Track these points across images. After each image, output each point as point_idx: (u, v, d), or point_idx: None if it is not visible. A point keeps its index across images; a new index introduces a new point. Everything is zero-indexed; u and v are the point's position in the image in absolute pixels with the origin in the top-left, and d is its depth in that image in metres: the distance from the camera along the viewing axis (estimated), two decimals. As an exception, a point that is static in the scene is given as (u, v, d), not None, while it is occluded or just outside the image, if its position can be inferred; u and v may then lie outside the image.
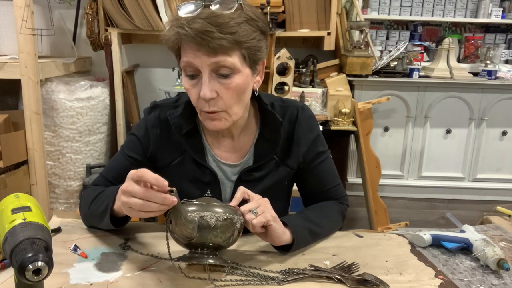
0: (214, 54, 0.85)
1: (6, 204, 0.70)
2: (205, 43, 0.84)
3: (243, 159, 1.06)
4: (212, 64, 0.87)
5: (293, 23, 2.57)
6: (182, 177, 1.05)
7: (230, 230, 0.83)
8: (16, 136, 2.12)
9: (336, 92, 2.47)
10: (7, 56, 2.28)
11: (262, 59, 0.96)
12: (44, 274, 0.61)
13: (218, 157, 1.05)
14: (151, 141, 1.05)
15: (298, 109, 1.08)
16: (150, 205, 0.76)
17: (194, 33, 0.83)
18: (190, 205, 0.82)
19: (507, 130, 2.74)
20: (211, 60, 0.86)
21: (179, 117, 1.02)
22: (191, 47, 0.86)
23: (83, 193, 1.08)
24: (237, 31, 0.85)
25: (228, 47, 0.85)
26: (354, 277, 0.85)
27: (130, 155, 1.06)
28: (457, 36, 3.05)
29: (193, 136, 1.04)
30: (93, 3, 2.49)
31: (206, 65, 0.87)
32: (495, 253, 0.91)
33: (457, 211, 2.76)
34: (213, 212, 0.82)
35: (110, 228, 0.97)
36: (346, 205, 1.15)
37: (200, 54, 0.86)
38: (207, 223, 0.81)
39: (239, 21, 0.86)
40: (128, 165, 1.05)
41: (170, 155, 1.05)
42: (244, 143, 1.06)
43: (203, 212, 0.81)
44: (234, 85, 0.89)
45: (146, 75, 2.89)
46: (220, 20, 0.84)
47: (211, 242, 0.83)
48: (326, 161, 1.11)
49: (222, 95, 0.90)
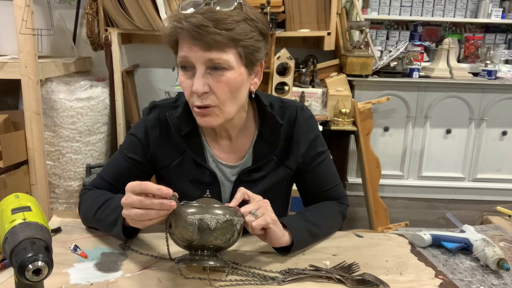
0: (209, 49, 0.85)
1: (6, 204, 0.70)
2: (200, 37, 0.84)
3: (242, 160, 1.05)
4: (207, 61, 0.87)
5: (293, 23, 2.57)
6: (181, 178, 1.05)
7: (230, 232, 0.83)
8: (16, 136, 2.12)
9: (336, 92, 2.47)
10: (7, 56, 2.28)
11: (261, 61, 0.95)
12: (44, 274, 0.61)
13: (217, 157, 1.05)
14: (151, 141, 1.05)
15: (297, 109, 1.07)
16: (149, 213, 0.76)
17: (190, 27, 0.84)
18: (189, 207, 0.82)
19: (507, 130, 2.74)
20: (205, 55, 0.86)
21: (179, 118, 1.02)
22: (187, 41, 0.87)
23: (83, 195, 1.06)
24: (234, 28, 0.85)
25: (223, 43, 0.85)
26: (354, 277, 0.85)
27: (130, 156, 1.05)
28: (457, 36, 3.05)
29: (193, 137, 1.04)
30: (93, 3, 2.49)
31: (200, 60, 0.87)
32: (495, 253, 0.91)
33: (457, 211, 2.76)
34: (213, 214, 0.81)
35: (122, 239, 0.97)
36: (346, 205, 1.15)
37: (196, 48, 0.86)
38: (207, 226, 0.80)
39: (237, 19, 0.86)
40: (128, 166, 1.05)
41: (169, 156, 1.05)
42: (243, 144, 1.06)
43: (203, 214, 0.81)
44: (225, 79, 0.89)
45: (146, 75, 2.89)
46: (217, 16, 0.84)
47: (211, 244, 0.83)
48: (325, 161, 1.11)
49: (214, 89, 0.89)
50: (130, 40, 2.77)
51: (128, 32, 2.53)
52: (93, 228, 1.04)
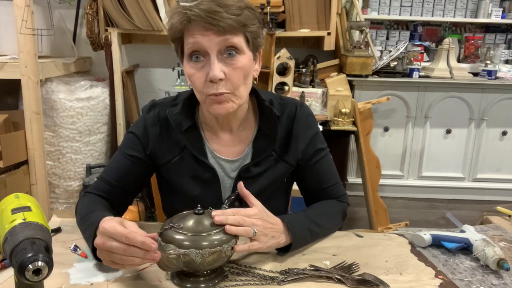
0: (223, 33, 0.88)
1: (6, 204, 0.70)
2: (215, 22, 0.86)
3: (242, 154, 1.06)
4: (220, 43, 0.89)
5: (293, 23, 2.57)
6: (182, 174, 1.05)
7: (219, 260, 0.81)
8: (16, 136, 2.12)
9: (336, 92, 2.47)
10: (7, 56, 2.28)
11: (261, 47, 0.99)
12: (44, 274, 0.61)
13: (216, 152, 1.06)
14: (151, 139, 1.05)
15: (297, 106, 1.09)
16: (133, 260, 0.75)
17: (204, 13, 0.86)
18: (175, 237, 0.78)
19: (507, 130, 2.74)
20: (219, 38, 0.88)
21: (179, 114, 1.03)
22: (199, 28, 0.88)
23: (79, 201, 1.05)
24: (241, 14, 0.89)
25: (235, 27, 0.89)
26: (354, 277, 0.85)
27: (130, 154, 1.05)
28: (457, 36, 3.05)
29: (193, 133, 1.05)
30: (93, 3, 2.49)
31: (214, 45, 0.88)
32: (495, 253, 0.91)
33: (457, 211, 2.76)
34: (199, 249, 0.77)
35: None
36: (346, 203, 1.15)
37: (209, 33, 0.88)
38: (193, 260, 0.78)
39: (241, 6, 0.90)
40: (128, 164, 1.05)
41: (170, 153, 1.05)
42: (243, 138, 1.07)
43: (189, 249, 0.77)
44: (240, 65, 0.92)
45: (146, 75, 2.89)
46: (225, 2, 0.87)
47: (200, 270, 0.82)
48: (325, 158, 1.11)
49: (229, 76, 0.91)
50: (130, 40, 2.77)
51: (128, 32, 2.53)
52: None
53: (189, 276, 0.83)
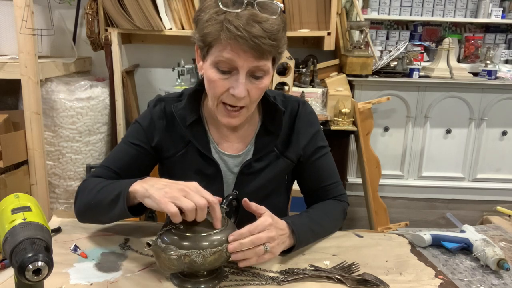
0: (259, 59, 0.88)
1: (6, 204, 0.70)
2: (257, 48, 0.86)
3: (244, 150, 1.07)
4: (254, 67, 0.89)
5: (293, 23, 2.57)
6: (185, 169, 1.06)
7: (220, 260, 0.81)
8: (16, 136, 2.12)
9: (336, 92, 2.46)
10: (7, 56, 2.28)
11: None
12: (44, 274, 0.61)
13: (220, 147, 1.07)
14: (157, 131, 1.06)
15: (299, 103, 1.11)
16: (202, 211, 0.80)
17: (250, 36, 0.84)
18: (176, 239, 0.78)
19: (507, 130, 2.74)
20: (254, 63, 0.88)
21: (183, 109, 1.04)
22: (237, 47, 0.86)
23: (83, 183, 1.03)
24: (280, 39, 0.89)
25: (271, 52, 0.90)
26: (354, 277, 0.85)
27: (134, 143, 1.06)
28: (457, 36, 3.05)
29: (197, 127, 1.06)
30: (93, 3, 2.49)
31: (247, 66, 0.89)
32: (495, 253, 0.91)
33: (457, 211, 2.76)
34: (200, 249, 0.78)
35: (119, 218, 0.94)
36: (346, 203, 1.15)
37: (246, 55, 0.87)
38: (194, 261, 0.78)
39: (280, 28, 0.89)
40: (133, 153, 1.05)
41: (174, 147, 1.06)
42: (247, 134, 1.08)
43: (190, 250, 0.77)
44: (263, 86, 0.94)
45: (146, 75, 2.89)
46: (270, 28, 0.86)
47: (200, 271, 0.82)
48: (326, 156, 1.12)
49: (250, 93, 0.93)
50: (130, 40, 2.77)
51: (128, 32, 2.53)
52: (88, 222, 1.01)
53: (189, 276, 0.83)
